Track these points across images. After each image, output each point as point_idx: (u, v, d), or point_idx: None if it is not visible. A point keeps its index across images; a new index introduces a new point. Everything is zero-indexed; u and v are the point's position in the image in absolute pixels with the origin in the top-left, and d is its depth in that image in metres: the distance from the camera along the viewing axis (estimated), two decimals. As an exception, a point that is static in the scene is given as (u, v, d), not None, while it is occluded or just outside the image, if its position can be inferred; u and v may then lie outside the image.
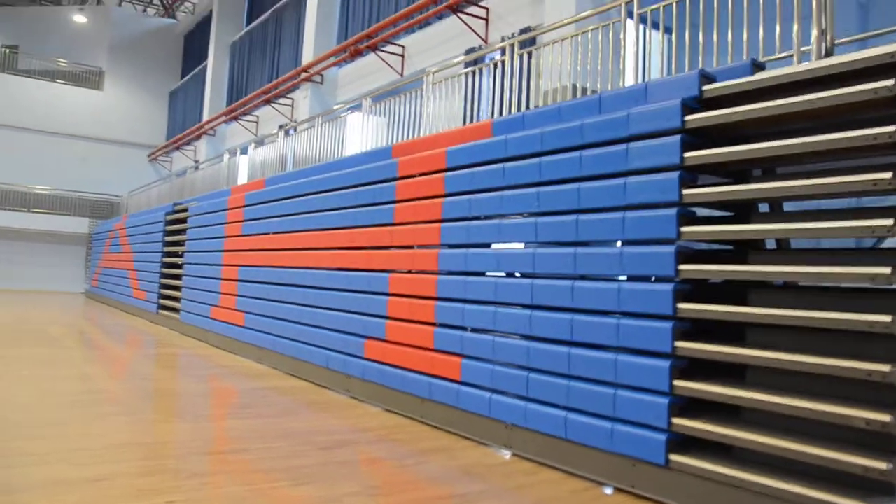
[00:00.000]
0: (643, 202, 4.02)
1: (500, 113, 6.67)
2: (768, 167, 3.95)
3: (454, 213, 5.48)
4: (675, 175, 3.85)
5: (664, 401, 3.76)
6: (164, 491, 3.59)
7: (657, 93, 4.16)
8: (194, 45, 27.15)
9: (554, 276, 4.57)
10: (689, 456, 3.66)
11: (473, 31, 10.86)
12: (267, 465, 4.17)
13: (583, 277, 4.40)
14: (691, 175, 3.90)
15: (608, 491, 3.98)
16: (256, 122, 19.14)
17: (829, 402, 3.17)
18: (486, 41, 10.81)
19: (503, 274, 5.02)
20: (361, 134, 8.92)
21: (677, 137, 3.87)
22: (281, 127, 11.85)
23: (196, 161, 23.23)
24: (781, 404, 3.33)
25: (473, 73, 7.29)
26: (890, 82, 3.06)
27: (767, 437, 3.35)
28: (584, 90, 6.06)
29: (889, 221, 3.03)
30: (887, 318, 2.99)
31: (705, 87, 3.89)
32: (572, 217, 4.44)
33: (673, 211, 3.84)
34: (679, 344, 3.76)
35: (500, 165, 5.05)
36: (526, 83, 6.59)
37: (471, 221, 5.31)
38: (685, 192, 3.83)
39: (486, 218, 5.20)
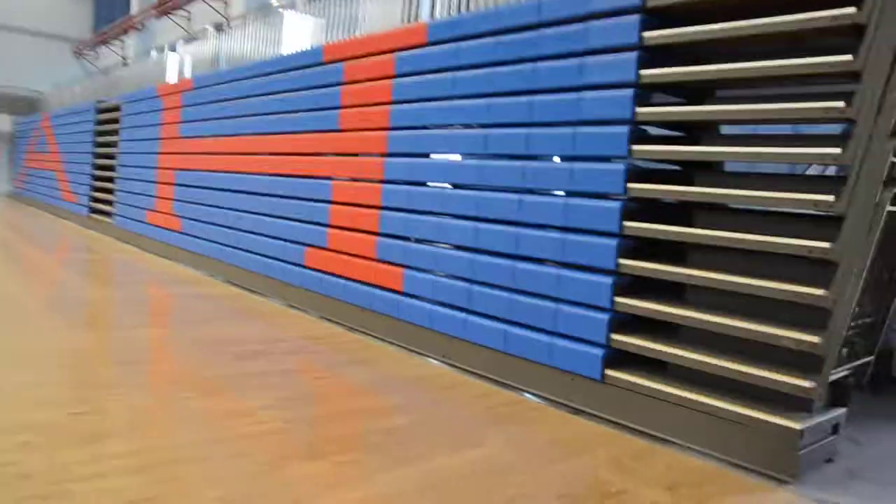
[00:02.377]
0: (596, 118, 3.97)
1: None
2: (718, 89, 3.94)
3: (402, 121, 5.34)
4: (629, 92, 3.81)
5: (605, 316, 3.84)
6: (67, 402, 3.47)
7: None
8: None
9: (501, 189, 4.53)
10: (625, 371, 3.77)
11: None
12: (175, 376, 4.08)
13: (530, 192, 4.37)
14: (645, 93, 3.86)
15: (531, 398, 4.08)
16: (188, 18, 18.16)
17: (762, 323, 3.28)
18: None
19: (449, 185, 4.96)
20: (298, 34, 8.50)
21: (633, 54, 3.80)
22: (214, 24, 11.25)
23: (124, 58, 22.07)
24: (716, 322, 3.43)
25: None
26: (851, 10, 3.04)
27: (700, 355, 3.47)
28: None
29: (837, 150, 3.07)
30: (825, 245, 3.07)
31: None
32: (523, 130, 4.37)
33: (625, 128, 3.81)
34: (622, 261, 3.81)
35: (449, 74, 4.91)
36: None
37: (419, 130, 5.19)
38: (639, 109, 3.80)
39: (435, 127, 5.08)
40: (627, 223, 3.80)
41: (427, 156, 5.17)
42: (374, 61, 5.70)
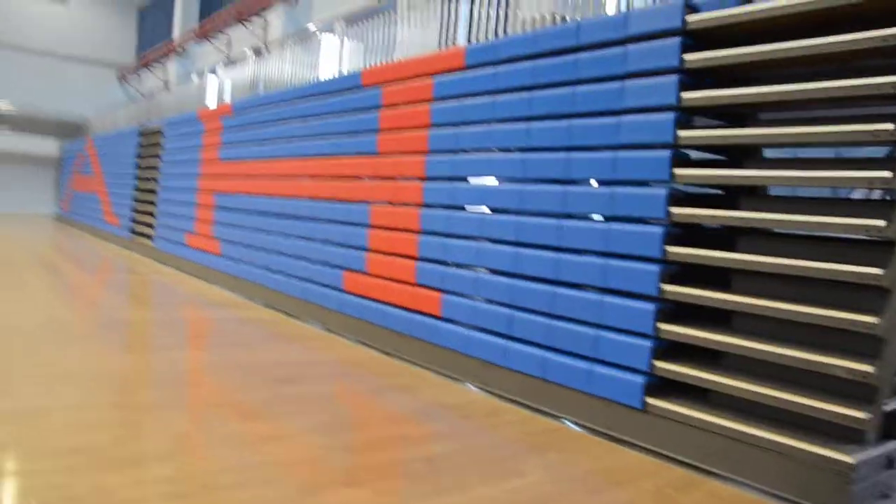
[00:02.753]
0: (636, 142, 3.94)
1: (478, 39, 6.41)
2: (762, 111, 3.89)
3: (440, 145, 5.35)
4: (670, 115, 3.77)
5: (647, 343, 3.77)
6: (105, 425, 3.49)
7: (638, 22, 4.00)
8: (165, -41, 26.00)
9: (541, 214, 4.50)
10: (666, 400, 3.69)
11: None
12: (218, 399, 4.09)
13: (569, 216, 4.34)
14: (687, 116, 3.82)
15: (573, 427, 4.03)
16: (228, 43, 18.54)
17: (811, 351, 3.19)
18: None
19: (488, 209, 4.95)
20: (338, 58, 8.62)
21: (674, 77, 3.76)
22: (253, 48, 11.43)
23: (165, 81, 22.57)
24: (763, 350, 3.35)
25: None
26: (898, 29, 2.98)
27: (745, 383, 3.39)
28: (563, 18, 5.84)
29: (888, 174, 2.99)
30: (878, 271, 2.98)
31: (689, 18, 3.76)
32: (562, 155, 4.35)
33: (667, 152, 3.77)
34: (665, 287, 3.75)
35: (490, 98, 4.91)
36: (504, 11, 6.33)
37: (457, 154, 5.20)
38: (680, 133, 3.75)
39: (474, 151, 5.09)
40: (670, 248, 3.75)
41: (465, 180, 5.17)
42: (412, 85, 5.74)
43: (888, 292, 2.96)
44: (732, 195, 3.88)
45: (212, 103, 12.52)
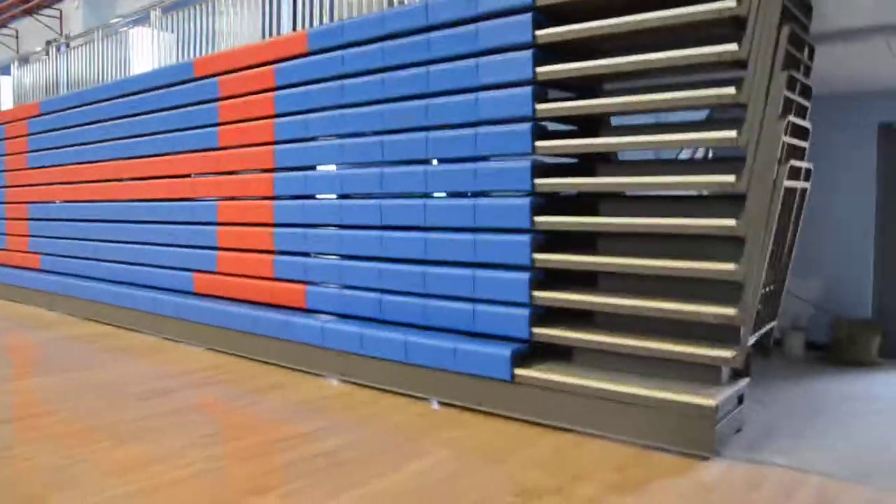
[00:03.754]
0: (496, 118, 4.01)
1: (304, 26, 6.16)
2: (613, 82, 4.10)
3: (288, 134, 5.17)
4: (528, 90, 3.87)
5: (524, 311, 3.87)
6: None
7: (488, 0, 4.04)
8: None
9: (405, 196, 4.48)
10: (534, 369, 3.78)
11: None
12: (80, 425, 3.75)
13: (427, 196, 4.36)
14: (543, 90, 3.94)
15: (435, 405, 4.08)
16: (16, 37, 16.79)
17: (678, 302, 3.43)
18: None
19: (348, 196, 4.85)
20: (152, 52, 8.02)
21: (529, 52, 3.87)
22: (49, 42, 10.40)
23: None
24: (632, 306, 3.56)
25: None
26: (732, 3, 3.24)
27: (611, 337, 3.60)
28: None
29: (732, 133, 3.26)
30: (731, 222, 3.25)
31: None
32: (421, 135, 4.35)
33: (527, 125, 3.87)
34: (537, 256, 3.87)
35: (339, 83, 4.80)
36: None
37: (308, 143, 5.05)
38: (538, 106, 3.86)
39: (325, 138, 4.96)
40: (538, 218, 3.86)
41: (314, 168, 5.04)
42: (251, 74, 5.48)
43: (743, 241, 3.23)
44: (589, 164, 4.06)
45: (6, 105, 11.31)
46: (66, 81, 9.42)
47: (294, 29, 5.68)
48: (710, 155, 5.24)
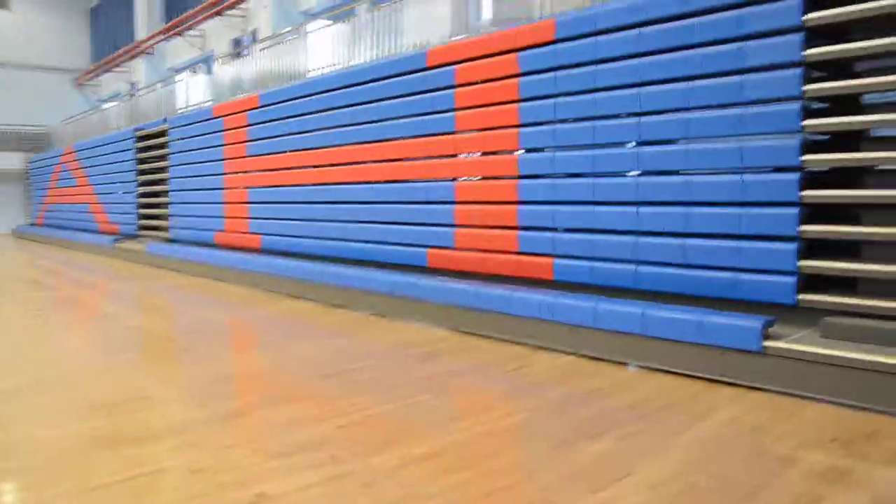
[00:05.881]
0: (763, 98, 4.27)
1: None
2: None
3: (535, 117, 5.62)
4: (797, 71, 4.12)
5: (791, 280, 4.14)
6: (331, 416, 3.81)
7: None
8: (112, -44, 25.23)
9: (663, 173, 4.84)
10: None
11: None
12: (391, 382, 4.35)
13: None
14: (809, 71, 4.17)
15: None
16: (202, 38, 18.25)
17: None
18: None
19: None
20: (342, 47, 8.59)
21: (798, 35, 4.11)
22: (237, 41, 11.25)
23: (131, 84, 22.06)
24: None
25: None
26: None
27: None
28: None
29: None
30: None
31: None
32: (681, 115, 4.67)
33: (796, 105, 4.12)
34: (804, 228, 4.12)
35: (591, 68, 5.19)
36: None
37: (557, 125, 5.46)
38: (806, 87, 4.10)
39: (576, 121, 5.36)
40: (805, 192, 4.11)
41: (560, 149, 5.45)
42: (492, 62, 5.94)
43: None
44: (846, 141, 4.23)
45: (194, 100, 12.43)
46: (277, 75, 10.07)
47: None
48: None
